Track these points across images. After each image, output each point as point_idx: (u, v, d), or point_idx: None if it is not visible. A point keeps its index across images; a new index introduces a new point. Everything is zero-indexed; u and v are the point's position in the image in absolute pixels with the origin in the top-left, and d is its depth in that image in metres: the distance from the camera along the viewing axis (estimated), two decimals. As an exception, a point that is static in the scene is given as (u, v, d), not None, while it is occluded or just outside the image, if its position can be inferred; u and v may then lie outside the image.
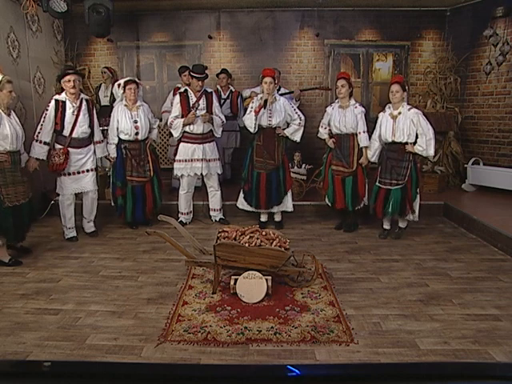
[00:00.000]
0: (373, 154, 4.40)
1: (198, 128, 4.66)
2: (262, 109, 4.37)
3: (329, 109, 4.62)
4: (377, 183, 4.37)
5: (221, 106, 5.06)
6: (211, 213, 5.08)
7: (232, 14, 6.60)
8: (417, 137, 4.14)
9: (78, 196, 4.49)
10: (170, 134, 5.84)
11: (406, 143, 4.16)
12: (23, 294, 3.13)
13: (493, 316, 2.78)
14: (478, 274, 3.48)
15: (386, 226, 4.53)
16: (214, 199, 5.02)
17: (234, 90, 6.17)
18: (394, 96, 4.14)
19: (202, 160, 4.71)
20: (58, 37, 6.34)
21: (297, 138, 4.62)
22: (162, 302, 3.02)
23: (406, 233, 4.51)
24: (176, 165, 4.81)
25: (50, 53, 6.04)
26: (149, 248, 4.17)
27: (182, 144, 4.77)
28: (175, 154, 4.84)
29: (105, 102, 6.09)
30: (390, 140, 4.20)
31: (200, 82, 4.59)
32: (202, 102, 4.67)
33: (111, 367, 0.97)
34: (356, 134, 4.47)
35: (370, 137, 4.43)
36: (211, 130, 4.78)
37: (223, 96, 6.05)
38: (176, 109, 4.67)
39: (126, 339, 2.53)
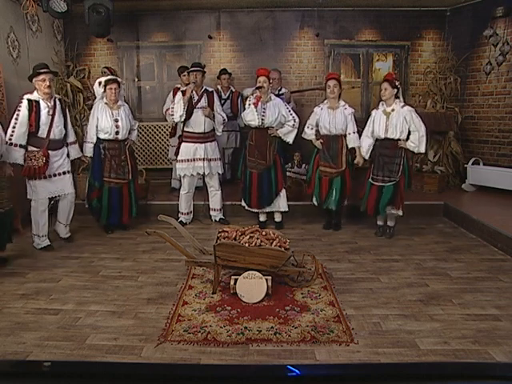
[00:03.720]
0: (366, 151, 4.39)
1: (199, 127, 4.66)
2: (260, 102, 4.39)
3: (317, 109, 4.58)
4: (369, 180, 4.36)
5: (221, 105, 5.06)
6: (211, 213, 5.08)
7: (232, 13, 6.60)
8: (409, 133, 4.17)
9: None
10: (171, 135, 5.85)
11: (399, 139, 4.18)
12: (23, 294, 3.13)
13: (493, 316, 2.78)
14: (478, 274, 3.48)
15: (380, 222, 4.54)
16: (215, 199, 5.02)
17: (234, 90, 6.17)
18: (384, 93, 4.19)
19: (203, 159, 4.70)
20: (58, 37, 6.33)
21: (289, 139, 4.61)
22: (162, 301, 3.02)
23: (406, 233, 4.53)
24: (178, 165, 4.81)
25: (50, 53, 6.03)
26: (149, 248, 4.17)
27: (183, 144, 4.76)
28: (177, 154, 4.84)
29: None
30: (382, 136, 4.22)
31: (196, 74, 4.57)
32: (204, 101, 4.66)
33: (111, 367, 0.97)
34: (345, 136, 4.47)
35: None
36: (212, 130, 4.78)
37: (223, 96, 6.05)
38: (178, 99, 4.61)
39: (126, 339, 2.53)
